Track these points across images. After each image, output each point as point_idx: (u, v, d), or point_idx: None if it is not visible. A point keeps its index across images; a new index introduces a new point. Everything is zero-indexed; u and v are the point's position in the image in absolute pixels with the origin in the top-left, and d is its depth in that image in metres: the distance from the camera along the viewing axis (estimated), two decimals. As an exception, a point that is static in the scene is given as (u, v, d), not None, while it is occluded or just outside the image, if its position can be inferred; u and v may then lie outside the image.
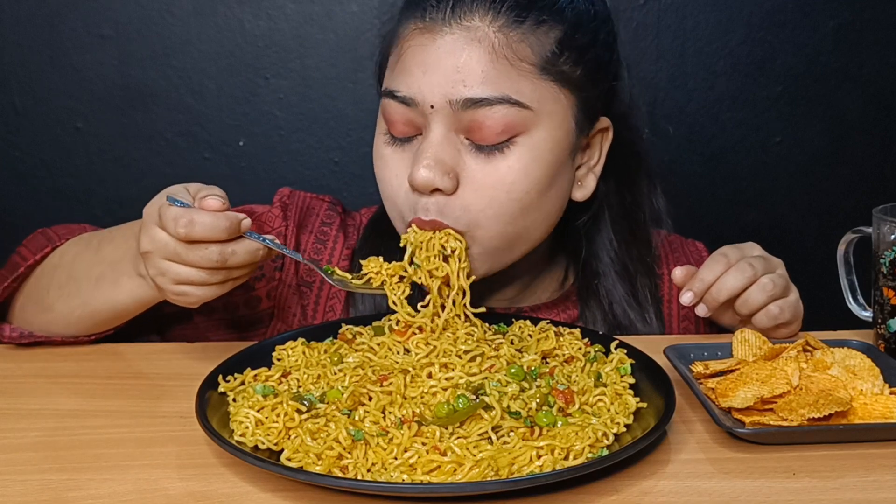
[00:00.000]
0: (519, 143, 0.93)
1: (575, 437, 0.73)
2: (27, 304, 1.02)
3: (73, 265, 0.99)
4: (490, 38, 0.92)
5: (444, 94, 0.91)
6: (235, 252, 0.85)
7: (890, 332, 0.97)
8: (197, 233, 0.82)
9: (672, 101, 1.64)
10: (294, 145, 1.63)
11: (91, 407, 0.86)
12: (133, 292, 0.94)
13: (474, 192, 0.93)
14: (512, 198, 0.94)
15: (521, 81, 0.92)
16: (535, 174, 0.94)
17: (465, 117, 0.92)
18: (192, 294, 0.87)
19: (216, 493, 0.70)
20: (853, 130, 1.67)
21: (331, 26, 1.59)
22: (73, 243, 1.02)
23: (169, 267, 0.85)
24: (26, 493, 0.70)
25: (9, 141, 1.61)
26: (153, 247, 0.85)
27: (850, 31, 1.63)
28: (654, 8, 1.60)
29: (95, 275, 0.96)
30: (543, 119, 0.94)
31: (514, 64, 0.92)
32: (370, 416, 0.76)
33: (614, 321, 1.08)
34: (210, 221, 0.83)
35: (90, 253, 0.98)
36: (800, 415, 0.77)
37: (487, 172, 0.93)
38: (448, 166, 0.92)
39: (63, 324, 0.99)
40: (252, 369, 0.86)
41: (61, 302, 0.98)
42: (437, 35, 0.92)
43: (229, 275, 0.87)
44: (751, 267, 0.97)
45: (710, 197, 1.68)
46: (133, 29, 1.57)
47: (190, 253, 0.83)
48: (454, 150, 0.93)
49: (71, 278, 0.98)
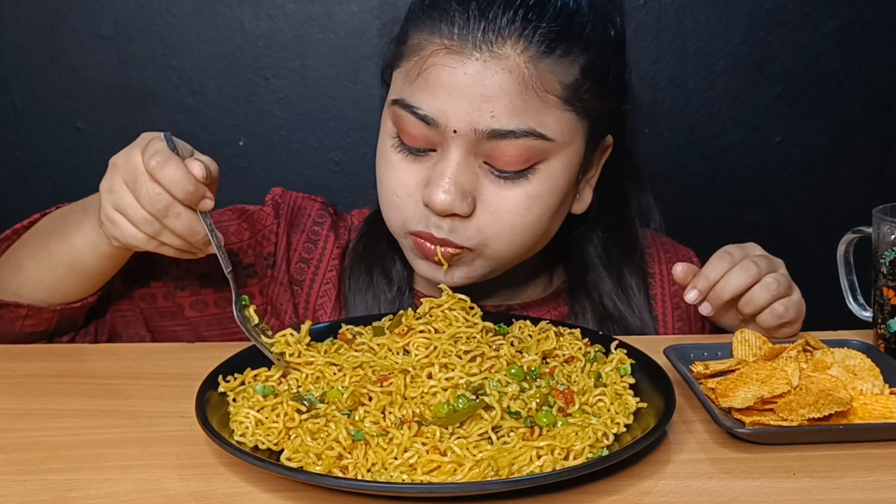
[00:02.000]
0: (538, 170, 0.95)
1: (575, 437, 0.73)
2: (3, 268, 1.01)
3: (51, 220, 0.99)
4: (520, 68, 0.91)
5: (470, 122, 0.91)
6: (180, 214, 0.86)
7: (890, 332, 0.97)
8: (162, 174, 0.84)
9: (672, 101, 1.63)
10: (294, 145, 1.63)
11: (91, 407, 0.86)
12: (88, 235, 0.93)
13: (490, 216, 0.95)
14: (526, 222, 0.96)
15: (546, 113, 0.93)
16: (549, 201, 0.96)
17: (488, 145, 0.92)
18: (118, 225, 0.87)
19: (216, 493, 0.70)
20: (853, 130, 1.67)
21: (331, 26, 1.59)
22: (57, 209, 1.02)
23: (120, 189, 0.86)
24: (26, 493, 0.70)
25: (9, 141, 1.61)
26: (122, 163, 0.86)
27: (850, 31, 1.62)
28: (654, 8, 1.60)
29: (64, 224, 0.96)
30: (563, 149, 0.95)
31: (540, 95, 0.92)
32: (370, 417, 0.76)
33: (604, 312, 1.09)
34: (180, 174, 0.84)
35: (73, 208, 0.99)
36: (800, 415, 0.77)
37: (504, 198, 0.94)
38: (467, 191, 0.93)
39: (31, 283, 0.98)
40: (252, 369, 0.86)
41: (31, 259, 0.97)
42: (465, 58, 0.91)
43: (158, 234, 0.87)
44: (755, 265, 0.97)
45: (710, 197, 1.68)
46: (133, 29, 1.57)
47: (143, 187, 0.84)
48: (472, 174, 0.94)
49: (41, 231, 0.99)
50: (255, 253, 1.09)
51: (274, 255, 1.09)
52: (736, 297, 0.97)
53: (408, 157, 0.96)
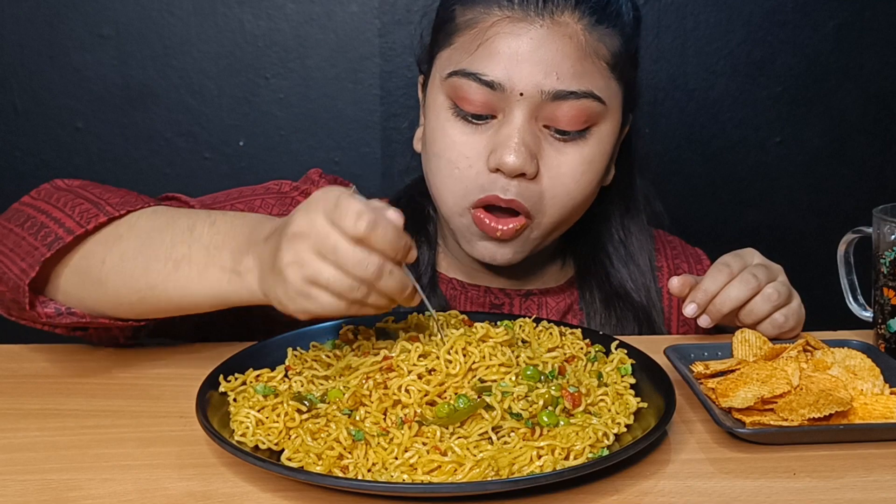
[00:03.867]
0: (593, 133, 1.01)
1: (575, 437, 0.73)
2: (72, 276, 0.89)
3: (148, 238, 0.86)
4: (578, 35, 0.98)
5: (536, 84, 0.96)
6: (393, 273, 0.74)
7: (890, 332, 0.97)
8: (376, 237, 0.72)
9: (672, 101, 1.64)
10: (294, 145, 1.63)
11: (91, 407, 0.86)
12: (219, 287, 0.82)
13: (551, 179, 1.00)
14: (579, 187, 1.01)
15: (599, 78, 0.99)
16: (598, 165, 1.02)
17: (549, 107, 0.97)
18: (319, 301, 0.74)
19: (216, 493, 0.70)
20: (853, 130, 1.67)
21: (331, 26, 1.59)
22: (147, 213, 0.89)
23: (312, 261, 0.73)
24: (26, 493, 0.70)
25: (9, 141, 1.61)
26: (311, 231, 0.73)
27: (850, 31, 1.62)
28: (654, 8, 1.60)
29: (177, 256, 0.84)
30: (611, 114, 1.02)
31: (594, 62, 0.99)
32: (371, 417, 0.76)
33: (610, 290, 1.12)
34: (393, 232, 0.73)
35: (175, 231, 0.85)
36: (800, 415, 0.77)
37: (562, 162, 1.00)
38: (532, 152, 0.98)
39: (114, 303, 0.88)
40: (254, 370, 0.86)
41: (120, 279, 0.86)
42: (528, 25, 0.97)
43: (366, 298, 0.74)
44: (754, 278, 0.97)
45: (710, 197, 1.68)
46: (133, 29, 1.57)
47: (350, 255, 0.72)
48: (536, 137, 0.99)
49: (140, 253, 0.86)
50: None
51: None
52: (736, 308, 0.97)
53: (467, 128, 0.99)
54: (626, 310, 1.11)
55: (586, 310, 1.12)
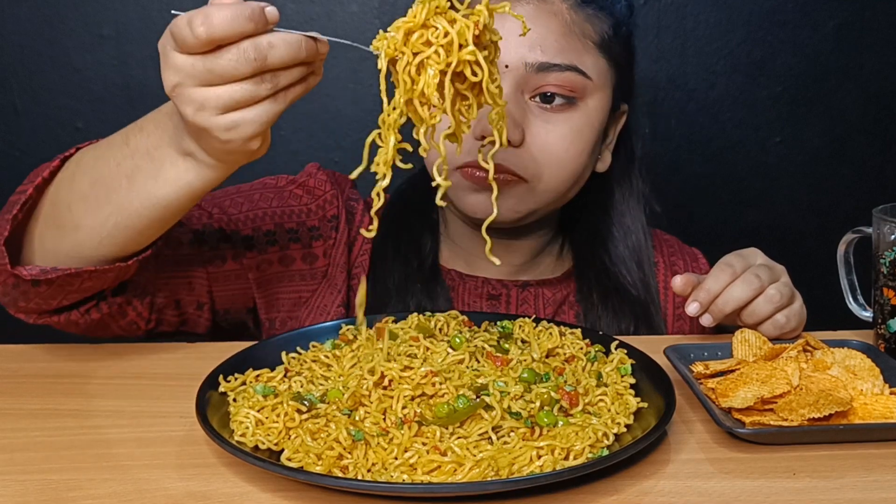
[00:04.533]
0: (578, 107, 1.05)
1: (575, 437, 0.73)
2: (46, 232, 0.90)
3: (95, 168, 0.87)
4: (563, 13, 1.05)
5: (521, 57, 1.02)
6: (273, 44, 0.71)
7: (890, 332, 0.97)
8: (217, 27, 0.69)
9: (672, 101, 1.64)
10: (294, 145, 1.63)
11: (91, 407, 0.86)
12: (179, 179, 0.82)
13: (538, 148, 1.04)
14: (569, 155, 1.05)
15: (585, 55, 1.05)
16: (587, 137, 1.07)
17: (535, 80, 1.03)
18: (245, 119, 0.73)
19: (216, 493, 0.70)
20: (853, 130, 1.67)
21: (331, 26, 1.59)
22: (89, 149, 0.90)
23: (206, 94, 0.72)
24: (26, 493, 0.70)
25: (9, 141, 1.61)
26: (180, 76, 0.72)
27: (850, 31, 1.63)
28: (654, 8, 1.60)
29: (127, 171, 0.84)
30: (598, 90, 1.07)
31: (580, 39, 1.05)
32: (371, 417, 0.76)
33: (609, 284, 1.14)
34: (229, 11, 0.70)
35: (115, 149, 0.86)
36: (800, 415, 0.77)
37: (549, 130, 1.04)
38: (517, 121, 1.02)
39: (95, 241, 0.87)
40: (254, 370, 0.86)
41: (89, 215, 0.86)
42: (516, 4, 1.03)
43: (276, 81, 0.73)
44: (757, 278, 0.97)
45: (710, 197, 1.68)
46: (133, 29, 1.57)
47: (221, 61, 0.70)
48: (521, 108, 1.04)
49: (96, 183, 0.85)
50: (318, 216, 1.13)
51: (337, 217, 1.14)
52: (738, 309, 0.97)
53: None
54: (624, 304, 1.13)
55: (584, 304, 1.13)
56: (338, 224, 1.14)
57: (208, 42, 0.70)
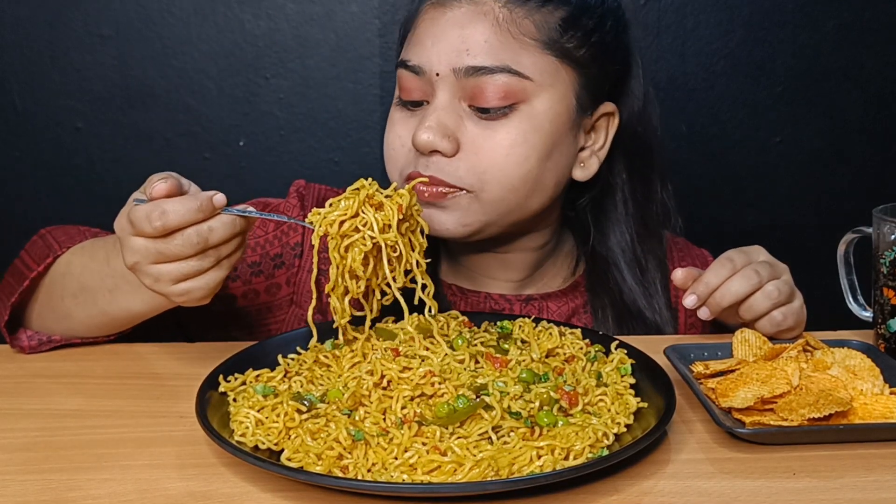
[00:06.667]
0: (519, 110, 1.00)
1: (575, 437, 0.73)
2: (44, 312, 1.01)
3: (82, 276, 0.97)
4: (495, 12, 1.00)
5: (449, 63, 0.99)
6: (212, 228, 0.82)
7: (890, 332, 0.97)
8: (171, 220, 0.80)
9: (672, 101, 1.64)
10: (294, 145, 1.63)
11: (91, 407, 0.86)
12: (149, 302, 0.93)
13: (475, 155, 1.00)
14: (511, 161, 1.00)
15: (522, 54, 0.99)
16: (532, 141, 1.00)
17: (469, 84, 0.99)
18: (195, 288, 0.84)
19: (216, 493, 0.70)
20: (853, 130, 1.67)
21: (331, 26, 1.59)
22: (77, 252, 1.00)
23: (159, 270, 0.83)
24: (26, 493, 0.70)
25: (9, 141, 1.61)
26: (137, 257, 0.82)
27: (850, 31, 1.63)
28: (654, 8, 1.60)
29: (108, 286, 0.94)
30: (544, 91, 1.01)
31: (516, 37, 0.99)
32: (371, 417, 0.76)
33: (623, 308, 1.11)
34: (181, 206, 0.81)
35: (98, 264, 0.96)
36: (800, 415, 0.77)
37: (486, 136, 1.00)
38: (449, 130, 0.99)
39: (84, 329, 0.99)
40: (254, 370, 0.86)
41: (79, 310, 0.97)
42: (447, 9, 1.01)
43: (218, 254, 0.83)
44: (756, 274, 0.97)
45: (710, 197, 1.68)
46: (133, 29, 1.57)
47: (170, 245, 0.81)
48: (456, 116, 1.00)
49: (84, 289, 0.96)
50: (281, 243, 1.11)
51: (301, 244, 1.11)
52: (736, 303, 0.97)
53: (404, 114, 1.04)
54: (639, 329, 1.10)
55: (598, 327, 1.10)
56: (301, 251, 1.11)
57: (163, 232, 0.81)
